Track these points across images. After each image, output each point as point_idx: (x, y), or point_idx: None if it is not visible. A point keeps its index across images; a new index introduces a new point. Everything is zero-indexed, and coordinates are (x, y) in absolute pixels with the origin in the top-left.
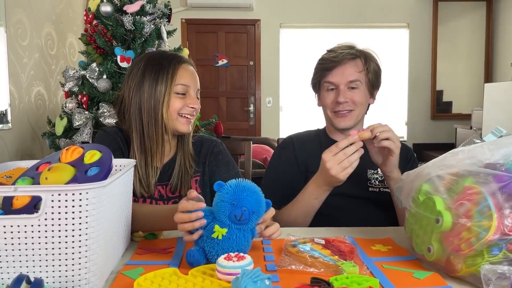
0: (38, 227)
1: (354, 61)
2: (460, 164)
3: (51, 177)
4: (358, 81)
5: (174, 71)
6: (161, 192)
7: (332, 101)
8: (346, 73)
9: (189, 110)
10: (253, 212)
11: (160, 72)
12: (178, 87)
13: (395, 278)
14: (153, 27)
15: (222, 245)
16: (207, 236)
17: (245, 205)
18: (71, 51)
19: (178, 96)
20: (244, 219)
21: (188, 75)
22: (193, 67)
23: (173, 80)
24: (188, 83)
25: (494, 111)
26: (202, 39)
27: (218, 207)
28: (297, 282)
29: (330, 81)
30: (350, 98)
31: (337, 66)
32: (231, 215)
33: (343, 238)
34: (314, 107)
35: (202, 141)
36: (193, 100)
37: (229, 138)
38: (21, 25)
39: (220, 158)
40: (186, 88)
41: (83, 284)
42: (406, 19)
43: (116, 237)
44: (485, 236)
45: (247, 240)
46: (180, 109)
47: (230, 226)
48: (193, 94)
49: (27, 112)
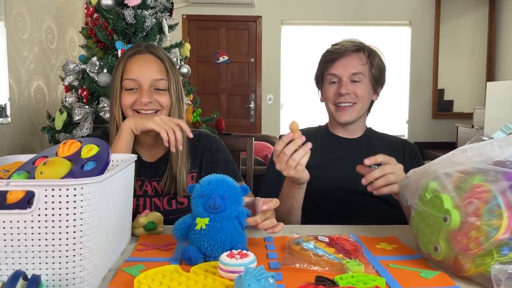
0: (31, 223)
1: (357, 54)
2: (469, 162)
3: (46, 171)
4: (361, 74)
5: (124, 65)
6: (156, 188)
7: (334, 93)
8: (349, 65)
9: (140, 105)
10: (225, 197)
11: (115, 66)
12: (126, 82)
13: (401, 278)
14: (154, 21)
15: (210, 234)
16: (193, 233)
17: (214, 193)
18: (72, 46)
19: (128, 92)
20: (219, 206)
21: (136, 67)
22: (153, 55)
23: (122, 75)
24: (136, 77)
25: (496, 110)
26: (203, 35)
27: (193, 204)
28: (301, 281)
29: (333, 73)
30: (353, 90)
31: (340, 57)
32: (206, 206)
33: (347, 236)
34: (315, 104)
35: (200, 136)
36: (142, 94)
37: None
38: (21, 18)
39: (219, 156)
40: (135, 83)
41: (78, 282)
42: (408, 17)
43: (114, 234)
44: (494, 235)
45: (235, 227)
46: (132, 105)
47: (210, 217)
48: (145, 87)
49: (26, 106)
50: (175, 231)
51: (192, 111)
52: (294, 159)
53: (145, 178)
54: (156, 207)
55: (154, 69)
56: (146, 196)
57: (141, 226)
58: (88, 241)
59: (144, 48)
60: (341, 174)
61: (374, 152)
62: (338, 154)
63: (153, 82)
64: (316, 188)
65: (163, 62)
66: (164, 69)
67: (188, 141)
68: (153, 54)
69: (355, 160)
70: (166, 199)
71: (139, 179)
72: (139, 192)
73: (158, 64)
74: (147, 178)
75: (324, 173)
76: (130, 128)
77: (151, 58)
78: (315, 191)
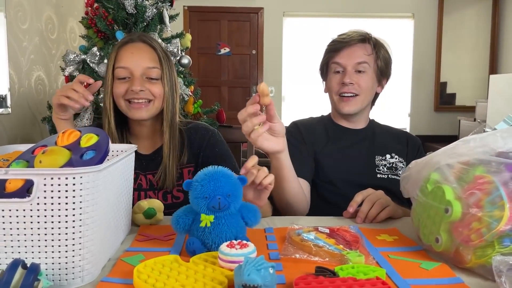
0: (30, 212)
1: (363, 44)
2: (471, 153)
3: (46, 160)
4: (366, 63)
5: (115, 54)
6: (152, 181)
7: (337, 83)
8: (354, 55)
9: (132, 94)
10: (229, 195)
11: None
12: (118, 70)
13: (402, 269)
14: (155, 11)
15: (215, 232)
16: (196, 229)
17: (217, 194)
18: (72, 36)
19: (120, 81)
20: (224, 205)
21: (128, 55)
22: (145, 43)
23: (113, 64)
24: (127, 65)
25: (499, 103)
26: (205, 27)
27: (195, 204)
28: (301, 271)
29: (338, 61)
30: (356, 81)
31: (346, 46)
32: (210, 207)
33: (348, 228)
34: (316, 97)
35: (197, 129)
36: (133, 82)
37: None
38: (21, 8)
39: (217, 151)
40: (127, 71)
41: (77, 271)
42: (411, 9)
43: (114, 223)
44: (496, 227)
45: (238, 222)
46: (124, 94)
47: (215, 215)
48: (137, 75)
49: (27, 96)
50: (177, 225)
51: (193, 102)
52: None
53: (140, 171)
54: None
55: (146, 57)
56: (140, 190)
57: (142, 211)
58: (88, 230)
59: (137, 38)
60: (345, 164)
61: (378, 143)
62: (343, 144)
63: (145, 70)
64: (320, 177)
65: (155, 50)
66: (157, 57)
67: (185, 133)
68: (145, 42)
69: (360, 151)
70: (162, 193)
71: (134, 172)
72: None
73: (150, 52)
74: (142, 171)
75: (328, 162)
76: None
77: (143, 46)
78: (319, 180)
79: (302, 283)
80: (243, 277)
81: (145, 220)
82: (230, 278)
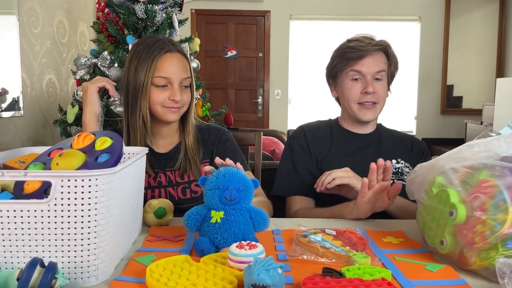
0: (48, 213)
1: (380, 52)
2: (475, 157)
3: (62, 163)
4: (384, 71)
5: (153, 62)
6: (170, 177)
7: (357, 92)
8: (375, 63)
9: (171, 103)
10: (240, 189)
11: (140, 60)
12: (156, 79)
13: (407, 270)
14: (164, 15)
15: (224, 228)
16: (207, 225)
17: (230, 185)
18: (82, 40)
19: (158, 89)
20: (235, 197)
21: (169, 66)
22: (181, 54)
23: (153, 72)
24: (168, 75)
25: (505, 106)
26: (212, 30)
27: (208, 196)
28: (309, 272)
29: (358, 69)
30: (376, 90)
31: (367, 55)
32: (222, 198)
33: (354, 230)
34: (322, 100)
35: (210, 129)
36: (175, 92)
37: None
38: (33, 12)
39: (228, 146)
40: (167, 80)
41: (92, 270)
42: (418, 12)
43: (126, 224)
44: (500, 230)
45: (247, 221)
46: (162, 102)
47: (225, 210)
48: (176, 86)
49: (38, 99)
50: (188, 222)
51: (201, 105)
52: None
53: (159, 170)
54: (171, 196)
55: (183, 68)
56: (160, 187)
57: (153, 210)
58: (102, 230)
59: (173, 47)
60: (352, 169)
61: (384, 148)
62: (350, 149)
63: (181, 80)
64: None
65: (187, 60)
66: (188, 66)
67: (199, 134)
68: (180, 52)
69: (367, 156)
70: (181, 189)
71: (153, 171)
72: (153, 183)
73: (185, 63)
74: (161, 169)
75: (335, 167)
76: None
77: (180, 57)
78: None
79: (309, 283)
80: (253, 277)
81: (156, 220)
82: (239, 278)
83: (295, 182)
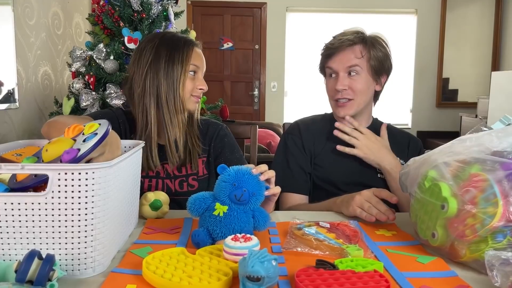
0: (45, 205)
1: (352, 47)
2: (467, 152)
3: (51, 148)
4: (358, 66)
5: (188, 52)
6: (168, 170)
7: (332, 89)
8: (344, 59)
9: (198, 92)
10: (253, 194)
11: (176, 52)
12: (191, 66)
13: (399, 262)
14: (160, 8)
15: (224, 222)
16: (209, 215)
17: (245, 187)
18: (78, 31)
19: (190, 77)
20: (244, 199)
21: (198, 57)
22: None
23: (188, 61)
24: (199, 64)
25: (500, 99)
26: (208, 22)
27: (220, 187)
28: (303, 264)
29: (330, 66)
30: (349, 85)
31: (336, 52)
32: (231, 195)
33: (348, 223)
34: (319, 92)
35: (208, 124)
36: (201, 82)
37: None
38: (28, 4)
39: (226, 141)
40: (196, 69)
41: (89, 262)
42: (414, 4)
43: (123, 217)
44: (490, 223)
45: (248, 220)
46: (191, 90)
47: (230, 205)
48: (201, 76)
49: (34, 91)
50: (191, 206)
51: None
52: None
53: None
54: (168, 188)
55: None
56: (158, 178)
57: (149, 202)
58: (99, 223)
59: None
60: (345, 164)
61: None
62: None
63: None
64: (320, 177)
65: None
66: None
67: (198, 128)
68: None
69: None
70: (178, 181)
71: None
72: (151, 173)
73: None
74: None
75: (329, 162)
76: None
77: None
78: (319, 180)
79: (303, 275)
80: (247, 269)
81: (152, 212)
82: (234, 270)
83: (288, 179)
